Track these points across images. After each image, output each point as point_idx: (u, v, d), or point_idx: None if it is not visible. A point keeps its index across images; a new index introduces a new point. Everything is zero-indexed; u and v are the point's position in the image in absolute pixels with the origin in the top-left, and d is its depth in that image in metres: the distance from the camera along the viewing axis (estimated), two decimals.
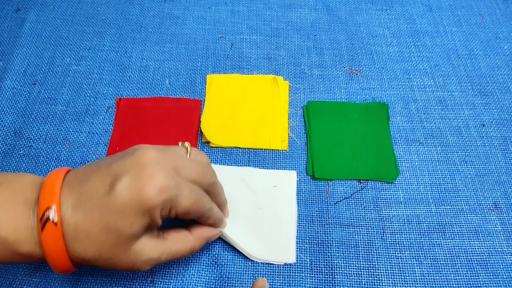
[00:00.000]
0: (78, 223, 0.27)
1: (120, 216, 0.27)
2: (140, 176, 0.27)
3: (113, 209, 0.27)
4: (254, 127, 0.43)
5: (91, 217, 0.27)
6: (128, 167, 0.27)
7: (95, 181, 0.28)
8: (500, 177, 0.41)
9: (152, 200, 0.27)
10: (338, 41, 0.51)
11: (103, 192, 0.27)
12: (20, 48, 0.49)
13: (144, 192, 0.27)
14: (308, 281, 0.35)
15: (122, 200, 0.26)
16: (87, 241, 0.27)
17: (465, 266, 0.36)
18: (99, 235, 0.27)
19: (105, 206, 0.27)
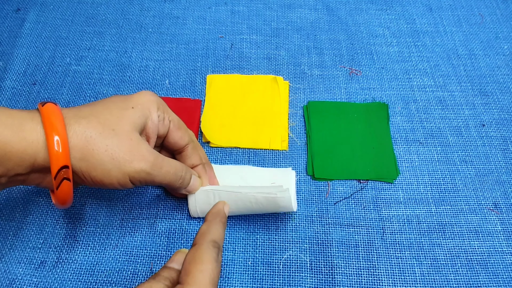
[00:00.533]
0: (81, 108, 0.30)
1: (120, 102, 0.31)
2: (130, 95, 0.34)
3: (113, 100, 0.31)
4: (254, 127, 0.43)
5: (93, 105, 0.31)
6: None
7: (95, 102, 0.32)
8: (500, 177, 0.41)
9: (147, 95, 0.32)
10: (338, 41, 0.51)
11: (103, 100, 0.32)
12: (20, 48, 0.49)
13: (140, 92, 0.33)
14: (308, 281, 0.35)
15: (120, 97, 0.32)
16: (90, 116, 0.29)
17: (465, 266, 0.36)
18: (102, 113, 0.30)
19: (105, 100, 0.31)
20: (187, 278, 0.26)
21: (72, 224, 0.38)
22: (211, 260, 0.27)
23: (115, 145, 0.29)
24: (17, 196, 0.39)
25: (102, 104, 0.31)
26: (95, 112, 0.29)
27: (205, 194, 0.36)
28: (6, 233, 0.37)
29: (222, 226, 0.30)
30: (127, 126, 0.30)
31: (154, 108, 0.32)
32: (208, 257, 0.27)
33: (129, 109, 0.31)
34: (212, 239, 0.28)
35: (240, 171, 0.40)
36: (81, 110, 0.29)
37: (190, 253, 0.27)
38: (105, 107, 0.30)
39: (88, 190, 0.40)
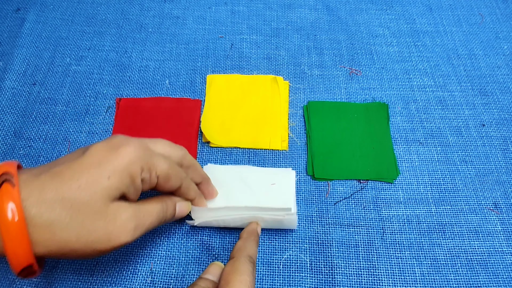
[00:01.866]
0: (45, 184, 0.24)
1: (95, 170, 0.25)
2: (113, 141, 0.27)
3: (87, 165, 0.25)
4: (254, 127, 0.43)
5: (60, 177, 0.24)
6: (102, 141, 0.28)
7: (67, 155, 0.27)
8: (500, 177, 0.41)
9: (129, 154, 0.26)
10: (338, 41, 0.51)
11: (75, 156, 0.26)
12: (20, 48, 0.49)
13: (120, 148, 0.27)
14: (308, 281, 0.35)
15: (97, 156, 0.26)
16: (55, 201, 0.24)
17: (465, 266, 0.36)
18: (70, 191, 0.24)
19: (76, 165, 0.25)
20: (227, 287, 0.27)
21: None
22: (248, 273, 0.28)
23: (86, 232, 0.25)
24: None
25: (72, 174, 0.25)
26: (60, 191, 0.24)
27: (208, 223, 0.36)
28: None
29: (256, 244, 0.33)
30: (99, 204, 0.25)
31: (138, 173, 0.27)
32: (246, 269, 0.28)
33: (104, 179, 0.25)
34: (248, 254, 0.30)
35: (240, 171, 0.40)
36: (46, 188, 0.24)
37: (229, 265, 0.29)
38: (74, 179, 0.25)
39: None
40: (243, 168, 0.41)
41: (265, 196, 0.39)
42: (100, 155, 0.26)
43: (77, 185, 0.25)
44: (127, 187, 0.27)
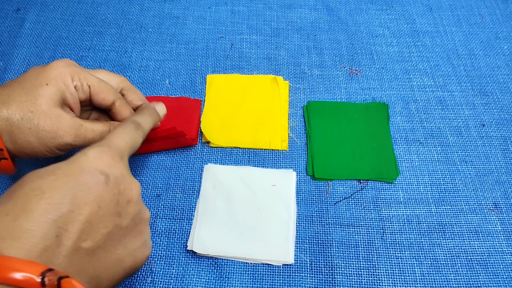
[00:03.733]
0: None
1: (34, 79, 0.31)
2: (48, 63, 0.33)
3: (27, 77, 0.32)
4: (254, 127, 0.43)
5: (8, 86, 0.31)
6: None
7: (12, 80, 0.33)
8: (500, 177, 0.41)
9: (60, 66, 0.32)
10: (338, 41, 0.51)
11: (19, 77, 0.32)
12: (20, 48, 0.49)
13: (52, 64, 0.32)
14: (308, 281, 0.35)
15: (34, 71, 0.32)
16: (7, 100, 0.30)
17: (465, 266, 0.36)
18: (19, 96, 0.31)
19: (20, 78, 0.32)
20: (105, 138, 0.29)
21: None
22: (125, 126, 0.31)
23: (36, 126, 0.31)
24: None
25: (18, 83, 0.31)
26: (12, 95, 0.31)
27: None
28: None
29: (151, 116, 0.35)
30: (44, 105, 0.31)
31: (69, 80, 0.32)
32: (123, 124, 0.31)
33: (44, 86, 0.31)
34: (133, 119, 0.33)
35: (240, 172, 0.40)
36: (0, 94, 0.31)
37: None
38: (21, 87, 0.31)
39: None
40: (244, 169, 0.41)
41: (265, 197, 0.39)
42: (36, 70, 0.32)
43: (24, 91, 0.31)
44: (63, 92, 0.32)
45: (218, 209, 0.38)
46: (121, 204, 0.26)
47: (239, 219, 0.37)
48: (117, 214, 0.25)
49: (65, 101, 0.32)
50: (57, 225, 0.22)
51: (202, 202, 0.39)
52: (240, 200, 0.39)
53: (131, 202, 0.27)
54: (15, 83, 0.31)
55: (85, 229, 0.23)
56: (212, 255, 0.36)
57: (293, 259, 0.36)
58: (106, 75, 0.36)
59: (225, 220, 0.37)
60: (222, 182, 0.40)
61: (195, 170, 0.41)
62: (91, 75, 0.34)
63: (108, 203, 0.25)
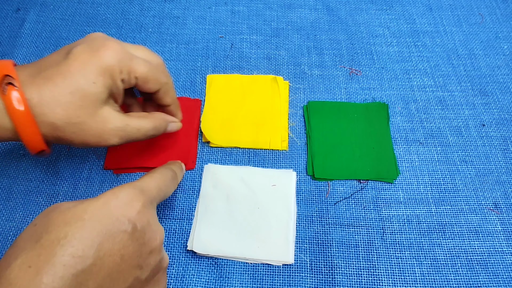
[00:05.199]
0: (41, 86, 0.27)
1: (81, 75, 0.28)
2: (93, 44, 0.29)
3: (73, 69, 0.28)
4: (254, 127, 0.43)
5: (53, 82, 0.27)
6: (82, 41, 0.30)
7: (51, 55, 0.29)
8: (500, 177, 0.41)
9: (108, 57, 0.29)
10: (338, 41, 0.51)
11: (60, 59, 0.28)
12: (20, 48, 0.49)
13: (100, 51, 0.29)
14: (308, 281, 0.35)
15: (80, 59, 0.28)
16: (53, 103, 0.27)
17: (465, 266, 0.36)
18: (64, 96, 0.27)
19: (64, 69, 0.28)
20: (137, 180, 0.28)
21: None
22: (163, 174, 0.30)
23: (81, 130, 0.29)
24: (17, 196, 0.39)
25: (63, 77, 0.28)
26: (57, 96, 0.27)
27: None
28: (6, 233, 0.37)
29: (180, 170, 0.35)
30: (90, 108, 0.29)
31: (117, 75, 0.30)
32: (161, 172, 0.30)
33: (91, 84, 0.28)
34: (170, 167, 0.32)
35: (241, 172, 0.40)
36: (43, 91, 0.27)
37: None
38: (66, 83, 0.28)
39: (88, 190, 0.40)
40: (244, 168, 0.41)
41: (265, 197, 0.39)
42: (83, 58, 0.28)
43: (69, 91, 0.28)
44: (110, 87, 0.30)
45: (218, 209, 0.38)
46: (143, 256, 0.25)
47: (239, 219, 0.37)
48: (138, 267, 0.24)
49: (110, 95, 0.31)
50: (78, 281, 0.21)
51: (202, 202, 0.39)
52: (240, 200, 0.39)
53: (153, 253, 0.26)
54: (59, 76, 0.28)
55: (105, 284, 0.22)
56: (212, 255, 0.36)
57: (293, 259, 0.36)
58: (147, 53, 0.33)
59: (225, 220, 0.37)
60: (222, 182, 0.40)
61: (195, 170, 0.41)
62: (140, 63, 0.31)
63: (131, 255, 0.24)
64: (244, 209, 0.38)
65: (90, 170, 0.41)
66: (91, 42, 0.30)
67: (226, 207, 0.38)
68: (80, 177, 0.41)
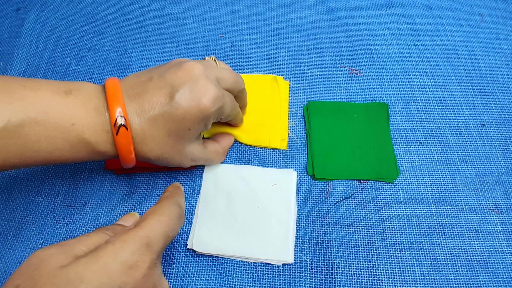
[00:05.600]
0: (145, 128, 0.30)
1: (181, 123, 0.31)
2: (195, 89, 0.31)
3: (175, 117, 0.30)
4: (254, 126, 0.43)
5: (155, 124, 0.30)
6: (182, 79, 0.31)
7: (153, 92, 0.31)
8: (500, 177, 0.41)
9: (208, 109, 0.31)
10: (338, 41, 0.51)
11: (163, 102, 0.30)
12: (20, 48, 0.49)
13: (201, 102, 0.31)
14: (308, 281, 0.35)
15: (183, 109, 0.30)
16: (152, 143, 0.31)
17: (465, 266, 0.36)
18: (163, 138, 0.31)
19: (167, 116, 0.30)
20: (141, 223, 0.26)
21: (72, 224, 0.38)
22: (170, 215, 0.28)
23: (166, 160, 0.33)
24: (17, 196, 0.39)
25: (164, 124, 0.31)
26: (156, 137, 0.31)
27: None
28: (6, 234, 0.37)
29: (183, 196, 0.34)
30: (180, 147, 0.32)
31: (210, 121, 0.33)
32: (168, 212, 0.28)
33: (186, 131, 0.32)
34: (176, 200, 0.31)
35: (241, 171, 0.40)
36: (146, 132, 0.30)
37: (152, 207, 0.29)
38: (166, 129, 0.31)
39: (88, 190, 0.40)
40: (245, 168, 0.41)
41: (265, 196, 0.39)
42: (185, 108, 0.30)
43: (168, 134, 0.31)
44: (201, 130, 0.34)
45: (218, 208, 0.38)
46: None
47: (239, 218, 0.37)
48: None
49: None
50: None
51: (202, 200, 0.39)
52: (240, 199, 0.39)
53: None
54: (161, 121, 0.30)
55: None
56: (212, 254, 0.36)
57: (293, 258, 0.36)
58: (233, 78, 0.35)
59: (225, 219, 0.37)
60: (223, 181, 0.40)
61: (196, 169, 0.41)
62: (228, 107, 0.34)
63: None
64: (245, 208, 0.38)
65: (91, 170, 0.41)
66: (193, 85, 0.31)
67: (226, 206, 0.38)
68: (80, 177, 0.41)
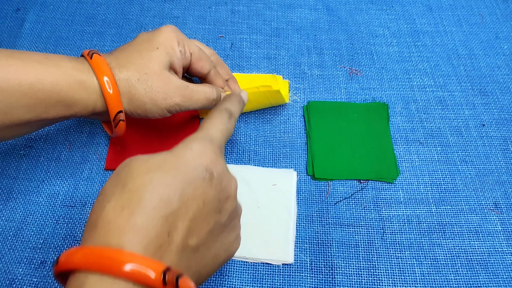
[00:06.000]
0: (117, 55, 0.34)
1: (147, 45, 0.34)
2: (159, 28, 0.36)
3: (141, 42, 0.35)
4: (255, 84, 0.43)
5: (125, 50, 0.34)
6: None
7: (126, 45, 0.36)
8: (500, 177, 0.41)
9: (168, 32, 0.35)
10: (338, 41, 0.51)
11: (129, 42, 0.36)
12: (20, 48, 0.49)
13: (161, 29, 0.35)
14: (308, 281, 0.35)
15: (145, 36, 0.35)
16: (127, 64, 0.33)
17: (465, 266, 0.36)
18: (136, 59, 0.34)
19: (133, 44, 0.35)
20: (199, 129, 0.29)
21: (72, 224, 0.38)
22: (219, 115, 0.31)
23: (150, 87, 0.33)
24: (17, 196, 0.39)
25: (133, 47, 0.34)
26: (130, 58, 0.33)
27: None
28: (6, 234, 0.37)
29: (238, 103, 0.35)
30: (156, 68, 0.33)
31: (175, 45, 0.35)
32: (216, 113, 0.32)
33: (155, 50, 0.34)
34: (226, 107, 0.33)
35: (241, 171, 0.40)
36: (119, 57, 0.34)
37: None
38: (136, 50, 0.34)
39: (88, 190, 0.40)
40: (245, 168, 0.41)
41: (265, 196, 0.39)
42: (147, 35, 0.35)
43: (138, 55, 0.34)
44: (171, 56, 0.35)
45: None
46: (222, 201, 0.26)
47: None
48: (218, 211, 0.26)
49: (172, 65, 0.35)
50: (168, 222, 0.22)
51: None
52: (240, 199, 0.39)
53: (230, 199, 0.27)
54: (130, 46, 0.35)
55: (192, 226, 0.24)
56: None
57: (293, 258, 0.36)
58: (199, 43, 0.39)
59: None
60: None
61: None
62: (192, 43, 0.37)
63: (212, 200, 0.25)
64: (245, 208, 0.38)
65: (91, 171, 0.41)
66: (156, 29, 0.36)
67: None
68: (80, 177, 0.41)
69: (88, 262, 0.20)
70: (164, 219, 0.22)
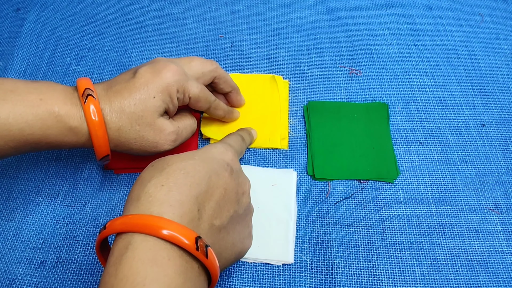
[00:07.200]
0: (112, 98, 0.33)
1: (144, 91, 0.33)
2: (157, 66, 0.34)
3: (138, 86, 0.33)
4: (254, 126, 0.43)
5: (121, 95, 0.33)
6: (147, 63, 0.36)
7: (121, 75, 0.35)
8: (500, 177, 0.41)
9: (168, 78, 0.34)
10: (338, 41, 0.51)
11: (128, 78, 0.34)
12: (20, 48, 0.49)
13: (162, 73, 0.34)
14: (308, 281, 0.35)
15: (144, 79, 0.33)
16: (120, 112, 0.33)
17: (465, 266, 0.36)
18: (129, 107, 0.33)
19: (131, 85, 0.33)
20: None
21: (72, 224, 0.38)
22: (234, 136, 0.37)
23: (141, 137, 0.34)
24: (17, 196, 0.39)
25: (129, 92, 0.33)
26: (124, 107, 0.33)
27: None
28: (6, 233, 0.37)
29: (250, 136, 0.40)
30: (149, 119, 0.34)
31: (174, 94, 0.35)
32: (231, 135, 0.37)
33: (151, 99, 0.33)
34: (239, 133, 0.38)
35: None
36: (113, 101, 0.33)
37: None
38: (131, 97, 0.33)
39: (88, 190, 0.40)
40: (245, 168, 0.41)
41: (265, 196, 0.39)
42: (146, 78, 0.34)
43: (133, 103, 0.33)
44: (167, 104, 0.35)
45: None
46: (239, 194, 0.30)
47: None
48: (236, 202, 0.29)
49: (167, 110, 0.35)
50: (198, 201, 0.26)
51: None
52: None
53: (245, 194, 0.30)
54: (126, 91, 0.33)
55: (216, 208, 0.27)
56: None
57: (293, 258, 0.36)
58: (199, 63, 0.38)
59: None
60: None
61: None
62: (193, 85, 0.36)
63: (231, 190, 0.29)
64: None
65: (91, 170, 0.41)
66: (155, 64, 0.35)
67: None
68: (80, 177, 0.41)
69: (135, 225, 0.23)
70: (195, 198, 0.26)
